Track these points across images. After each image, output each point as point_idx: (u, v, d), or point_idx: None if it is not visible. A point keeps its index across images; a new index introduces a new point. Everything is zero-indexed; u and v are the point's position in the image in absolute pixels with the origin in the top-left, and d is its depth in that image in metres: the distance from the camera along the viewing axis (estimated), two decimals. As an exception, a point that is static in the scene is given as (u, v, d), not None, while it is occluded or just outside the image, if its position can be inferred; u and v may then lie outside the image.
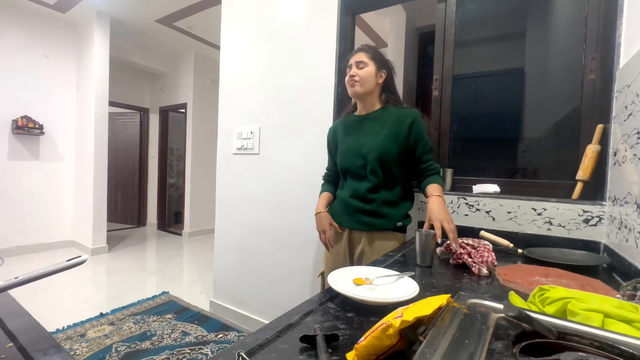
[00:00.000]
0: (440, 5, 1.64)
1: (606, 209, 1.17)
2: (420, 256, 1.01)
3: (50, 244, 3.82)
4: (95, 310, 2.28)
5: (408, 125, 1.21)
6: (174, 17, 3.66)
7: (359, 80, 1.23)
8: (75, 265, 0.58)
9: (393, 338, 0.44)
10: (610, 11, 1.24)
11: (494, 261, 0.96)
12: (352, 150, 1.28)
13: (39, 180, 3.71)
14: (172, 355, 1.76)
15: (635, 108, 0.93)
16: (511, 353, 0.38)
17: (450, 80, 1.61)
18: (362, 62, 1.23)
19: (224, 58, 2.31)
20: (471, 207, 1.42)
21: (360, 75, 1.23)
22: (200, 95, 4.85)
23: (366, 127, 1.28)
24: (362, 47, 1.28)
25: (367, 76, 1.23)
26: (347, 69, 1.27)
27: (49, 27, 3.71)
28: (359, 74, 1.23)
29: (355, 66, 1.24)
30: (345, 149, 1.31)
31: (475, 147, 1.92)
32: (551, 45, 1.74)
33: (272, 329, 0.56)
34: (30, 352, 0.45)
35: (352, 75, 1.24)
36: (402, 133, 1.21)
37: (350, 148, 1.28)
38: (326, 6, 1.84)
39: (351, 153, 1.28)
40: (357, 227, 1.28)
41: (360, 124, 1.31)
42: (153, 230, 5.28)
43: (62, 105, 3.86)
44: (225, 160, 2.31)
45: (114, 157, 5.23)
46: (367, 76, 1.23)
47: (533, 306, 0.62)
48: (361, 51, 1.25)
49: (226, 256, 2.31)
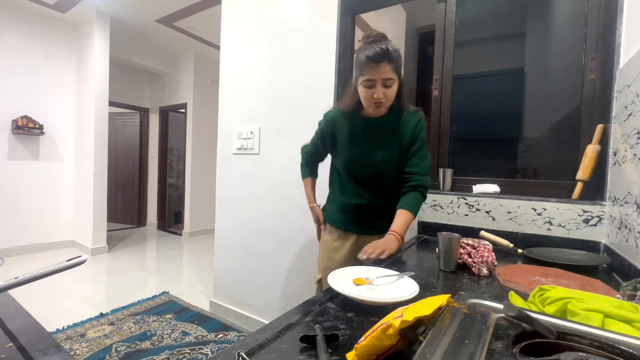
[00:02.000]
0: (440, 5, 1.64)
1: (606, 209, 1.17)
2: (443, 261, 0.97)
3: (50, 244, 3.82)
4: (95, 310, 2.28)
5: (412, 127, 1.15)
6: (174, 17, 3.66)
7: (386, 102, 1.07)
8: (75, 265, 0.58)
9: (393, 338, 0.44)
10: (610, 11, 1.24)
11: (494, 261, 0.96)
12: (360, 159, 1.19)
13: (39, 180, 3.71)
14: (172, 355, 1.76)
15: (635, 108, 0.93)
16: (511, 353, 0.38)
17: (450, 80, 1.61)
18: (390, 79, 1.03)
19: (224, 58, 2.31)
20: (471, 207, 1.42)
21: (388, 96, 1.06)
22: (200, 95, 4.85)
23: (375, 133, 1.18)
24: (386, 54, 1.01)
25: (394, 95, 1.08)
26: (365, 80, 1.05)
27: (49, 27, 3.71)
28: (388, 95, 1.05)
29: (382, 85, 1.03)
30: (352, 156, 1.20)
31: (475, 147, 1.92)
32: (551, 45, 1.74)
33: (272, 329, 0.56)
34: (30, 352, 0.45)
35: (379, 98, 1.04)
36: (405, 137, 1.15)
37: (359, 156, 1.19)
38: (326, 6, 1.84)
39: (360, 161, 1.19)
40: (367, 232, 1.24)
41: (368, 128, 1.18)
42: (153, 230, 5.28)
43: (62, 105, 3.86)
44: (225, 160, 2.31)
45: (114, 157, 5.23)
46: (394, 95, 1.08)
47: (533, 306, 0.62)
48: (388, 62, 1.01)
49: (226, 256, 2.31)
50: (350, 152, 1.20)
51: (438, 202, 1.49)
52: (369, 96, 1.06)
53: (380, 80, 1.03)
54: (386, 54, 1.00)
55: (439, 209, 1.49)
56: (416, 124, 1.15)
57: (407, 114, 1.17)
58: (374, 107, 1.09)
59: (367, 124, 1.18)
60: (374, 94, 1.04)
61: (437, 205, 1.50)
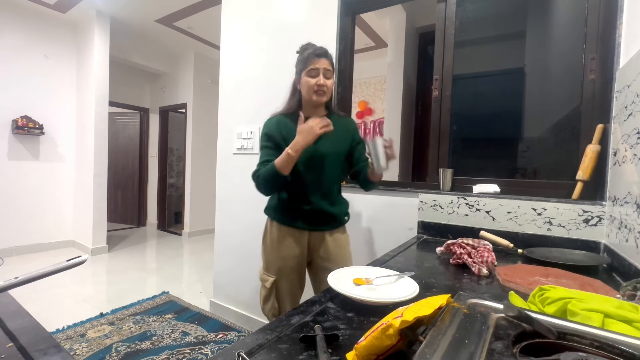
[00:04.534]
0: (440, 5, 1.64)
1: (606, 209, 1.17)
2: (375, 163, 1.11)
3: (50, 244, 3.82)
4: (95, 310, 2.28)
5: (353, 132, 1.33)
6: (174, 17, 3.66)
7: (327, 90, 1.22)
8: (75, 265, 0.58)
9: (393, 338, 0.44)
10: (610, 11, 1.24)
11: (494, 261, 0.96)
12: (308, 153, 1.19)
13: (39, 180, 3.72)
14: (172, 355, 1.76)
15: (635, 108, 0.93)
16: (511, 353, 0.38)
17: (450, 80, 1.61)
18: (329, 70, 1.21)
19: (224, 58, 2.31)
20: (471, 207, 1.42)
21: (328, 85, 1.21)
22: (200, 95, 4.85)
23: None
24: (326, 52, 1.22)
25: (332, 87, 1.25)
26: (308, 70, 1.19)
27: (49, 27, 3.71)
28: (327, 85, 1.21)
29: (323, 74, 1.20)
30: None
31: (475, 147, 1.92)
32: (551, 45, 1.74)
33: (272, 329, 0.56)
34: (30, 352, 0.45)
35: (321, 85, 1.20)
36: (348, 139, 1.31)
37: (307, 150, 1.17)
38: (326, 6, 1.84)
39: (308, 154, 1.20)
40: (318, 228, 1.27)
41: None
42: (153, 230, 5.28)
43: (62, 105, 3.86)
44: (225, 160, 2.31)
45: (114, 157, 5.23)
46: (332, 87, 1.25)
47: (533, 306, 0.62)
48: (326, 58, 1.21)
49: (226, 256, 2.31)
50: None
51: (438, 202, 1.49)
52: (313, 84, 1.19)
53: (322, 70, 1.19)
54: (326, 52, 1.22)
55: (439, 209, 1.49)
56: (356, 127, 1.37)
57: (343, 116, 1.36)
58: (317, 95, 1.20)
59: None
60: (317, 81, 1.19)
61: (437, 205, 1.49)
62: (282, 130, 1.24)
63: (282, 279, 1.28)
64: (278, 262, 1.28)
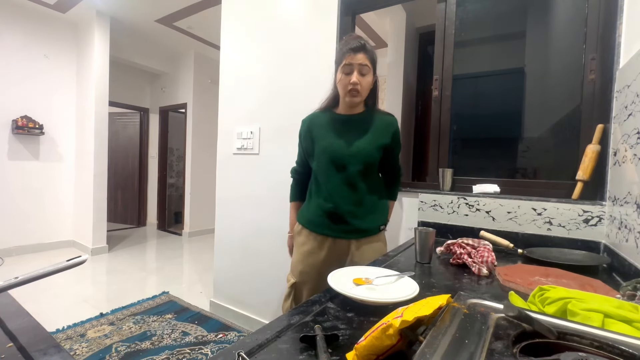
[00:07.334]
0: (440, 5, 1.64)
1: (606, 209, 1.17)
2: (419, 254, 1.04)
3: (50, 244, 3.82)
4: (95, 310, 2.28)
5: (392, 133, 1.20)
6: (174, 17, 3.66)
7: (361, 90, 1.12)
8: (75, 265, 0.58)
9: (393, 338, 0.44)
10: (610, 11, 1.24)
11: (494, 261, 0.96)
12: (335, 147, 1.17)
13: (39, 180, 3.71)
14: (172, 355, 1.76)
15: (635, 108, 0.93)
16: (511, 353, 0.38)
17: (450, 80, 1.61)
18: (366, 66, 1.10)
19: (224, 58, 2.31)
20: (471, 207, 1.42)
21: (363, 85, 1.11)
22: (200, 95, 4.85)
23: (349, 126, 1.20)
24: (363, 46, 1.10)
25: (368, 86, 1.14)
26: (343, 66, 1.11)
27: (49, 27, 3.71)
28: (362, 84, 1.10)
29: (358, 71, 1.09)
30: (326, 145, 1.18)
31: (475, 147, 1.92)
32: (551, 45, 1.74)
33: (272, 329, 0.56)
34: (30, 352, 0.45)
35: (355, 83, 1.09)
36: (385, 140, 1.19)
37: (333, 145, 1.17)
38: (326, 6, 1.84)
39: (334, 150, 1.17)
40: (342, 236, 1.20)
41: (344, 122, 1.21)
42: (153, 230, 5.28)
43: (62, 105, 3.86)
44: (225, 160, 2.31)
45: (114, 157, 5.23)
46: (368, 86, 1.14)
47: (533, 306, 0.62)
48: (364, 52, 1.10)
49: (226, 256, 2.31)
50: (325, 141, 1.19)
51: (438, 202, 1.49)
52: (347, 82, 1.12)
53: (357, 66, 1.10)
54: (364, 46, 1.11)
55: (439, 209, 1.49)
56: (395, 127, 1.22)
57: (382, 114, 1.23)
58: (350, 95, 1.13)
59: (342, 118, 1.22)
60: (351, 79, 1.10)
61: (437, 205, 1.49)
62: (313, 129, 1.24)
63: (303, 281, 1.25)
64: (299, 266, 1.27)
